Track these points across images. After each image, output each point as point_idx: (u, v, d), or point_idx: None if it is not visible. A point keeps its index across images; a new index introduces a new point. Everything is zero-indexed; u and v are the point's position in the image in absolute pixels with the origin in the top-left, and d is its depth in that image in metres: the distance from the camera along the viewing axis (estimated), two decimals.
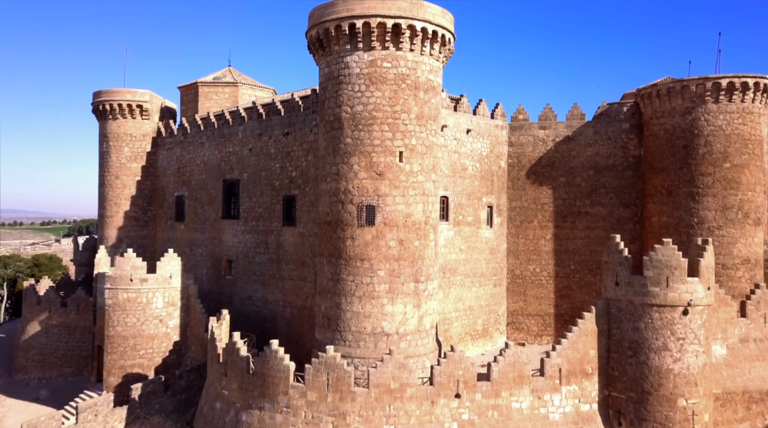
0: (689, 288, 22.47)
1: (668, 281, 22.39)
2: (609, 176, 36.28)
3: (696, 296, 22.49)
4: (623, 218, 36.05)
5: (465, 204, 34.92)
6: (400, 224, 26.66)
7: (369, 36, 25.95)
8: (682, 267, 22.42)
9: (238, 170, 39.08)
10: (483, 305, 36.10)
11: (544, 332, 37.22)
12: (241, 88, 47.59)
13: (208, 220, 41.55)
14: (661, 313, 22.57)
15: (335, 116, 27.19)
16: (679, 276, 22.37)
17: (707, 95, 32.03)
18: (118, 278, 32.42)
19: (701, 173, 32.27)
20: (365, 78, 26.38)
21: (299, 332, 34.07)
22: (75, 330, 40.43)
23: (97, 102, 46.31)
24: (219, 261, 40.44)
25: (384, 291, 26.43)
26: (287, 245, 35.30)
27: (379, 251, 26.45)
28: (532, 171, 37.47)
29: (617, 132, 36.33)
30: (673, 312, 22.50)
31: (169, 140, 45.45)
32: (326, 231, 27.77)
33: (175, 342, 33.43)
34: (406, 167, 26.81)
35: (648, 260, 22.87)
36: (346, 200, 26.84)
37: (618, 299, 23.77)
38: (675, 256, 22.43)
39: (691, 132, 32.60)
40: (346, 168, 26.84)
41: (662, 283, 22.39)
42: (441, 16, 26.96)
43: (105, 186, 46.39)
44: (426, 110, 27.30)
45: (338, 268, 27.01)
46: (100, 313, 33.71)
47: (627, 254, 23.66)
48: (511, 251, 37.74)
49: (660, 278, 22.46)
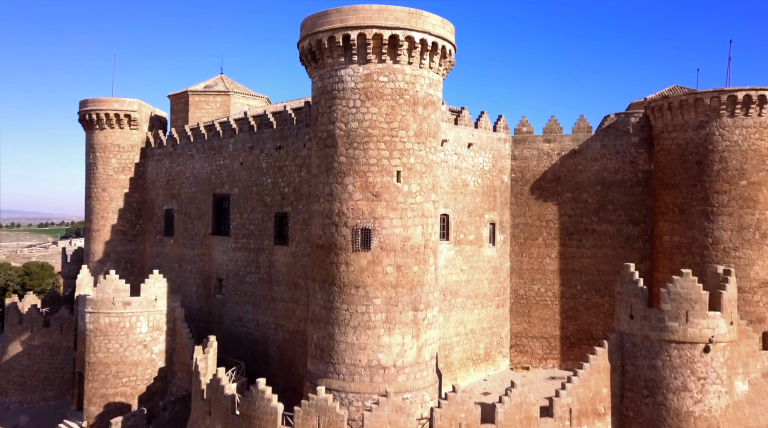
0: (711, 324, 20.76)
1: (688, 316, 20.67)
2: (617, 191, 34.55)
3: (718, 332, 20.78)
4: (632, 236, 34.33)
5: (466, 222, 33.19)
6: (397, 248, 24.93)
7: (364, 48, 24.22)
8: (702, 301, 20.70)
9: (228, 185, 37.34)
10: (485, 327, 34.36)
11: (549, 355, 35.47)
12: (233, 97, 45.87)
13: (197, 235, 39.80)
14: (680, 350, 20.85)
15: (328, 133, 25.46)
16: (699, 311, 20.65)
17: (722, 109, 30.32)
18: (99, 302, 30.65)
19: (716, 191, 30.54)
20: (360, 93, 24.66)
21: (291, 357, 32.31)
22: (58, 350, 38.66)
23: (83, 111, 44.59)
24: (209, 279, 38.67)
25: (380, 321, 24.69)
26: (279, 265, 33.55)
27: (376, 277, 24.71)
28: (536, 186, 35.74)
29: (626, 146, 34.60)
30: (693, 350, 20.79)
31: (158, 151, 43.71)
32: (319, 255, 26.03)
33: (160, 368, 31.66)
34: (404, 187, 25.09)
35: (666, 292, 21.15)
36: (340, 223, 25.11)
37: (633, 333, 22.05)
38: (695, 288, 20.71)
39: (705, 147, 30.88)
40: (340, 188, 25.12)
41: (681, 318, 20.67)
42: (441, 26, 25.24)
43: (91, 199, 44.64)
44: (425, 126, 25.58)
45: (331, 295, 25.27)
46: (81, 338, 31.94)
47: (642, 285, 21.93)
48: (515, 270, 35.99)
49: (679, 312, 20.74)
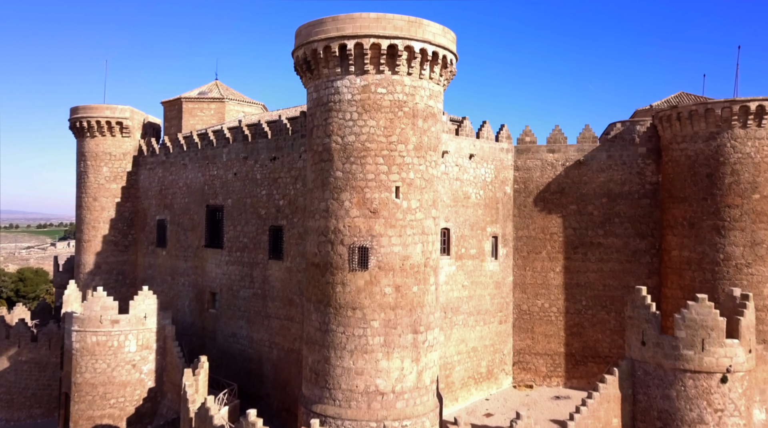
0: (728, 352, 19.63)
1: (704, 344, 19.53)
2: (624, 204, 33.41)
3: (736, 361, 19.64)
4: (639, 250, 33.18)
5: (468, 236, 32.04)
6: (396, 267, 23.75)
7: (362, 58, 23.06)
8: (720, 328, 19.56)
9: (222, 196, 36.15)
10: (487, 344, 33.18)
11: (553, 373, 34.30)
12: (228, 104, 44.69)
13: (190, 247, 38.60)
14: (695, 380, 19.72)
15: (324, 147, 24.30)
16: (716, 338, 19.51)
17: (734, 119, 29.18)
18: (86, 320, 29.47)
19: (727, 205, 29.40)
20: (358, 105, 23.49)
21: (287, 376, 31.11)
22: (46, 366, 37.40)
23: (74, 119, 43.39)
24: (202, 293, 37.47)
25: (378, 345, 23.51)
26: (273, 281, 32.36)
27: (373, 298, 23.53)
28: (540, 198, 34.58)
29: (633, 156, 33.47)
30: (709, 380, 19.66)
31: (151, 160, 42.52)
32: (314, 274, 24.85)
33: (149, 388, 30.46)
34: (404, 203, 23.92)
35: (680, 318, 19.99)
36: (336, 241, 23.94)
37: (645, 360, 20.90)
38: (712, 315, 19.57)
39: (715, 159, 29.75)
40: (336, 205, 23.95)
41: (697, 346, 19.54)
42: (442, 35, 24.08)
43: (82, 208, 43.42)
44: (425, 139, 24.42)
45: (327, 317, 24.09)
46: (67, 357, 30.74)
47: (655, 310, 20.78)
48: (518, 285, 34.82)
49: (694, 340, 19.61)
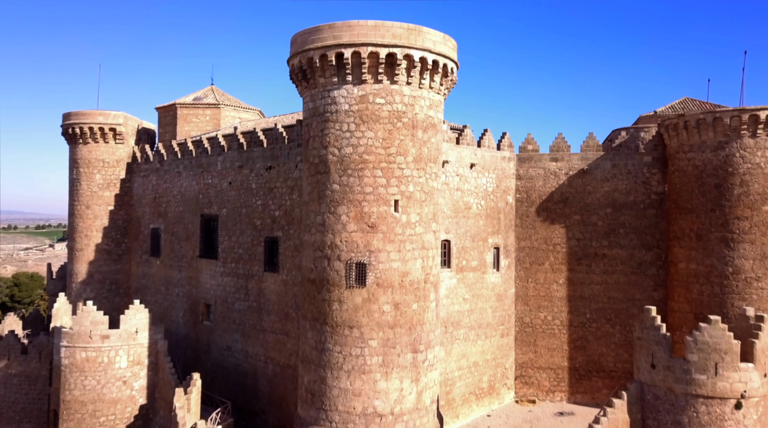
0: (743, 377, 18.77)
1: (717, 368, 18.67)
2: (629, 214, 32.55)
3: (751, 386, 18.78)
4: (645, 262, 32.32)
5: (469, 247, 31.17)
6: (395, 284, 22.87)
7: (359, 67, 22.19)
8: (734, 352, 18.69)
9: (216, 205, 35.27)
10: (489, 359, 32.30)
11: (556, 387, 33.41)
12: (224, 109, 43.80)
13: (185, 257, 37.71)
14: (708, 406, 18.85)
15: (321, 159, 23.42)
16: (730, 362, 18.65)
17: (743, 129, 28.33)
18: (75, 335, 28.58)
19: (736, 217, 28.54)
20: (355, 116, 22.62)
21: (282, 392, 30.22)
22: (36, 380, 36.32)
23: (66, 125, 42.49)
24: (196, 304, 36.57)
25: (377, 365, 22.62)
26: (269, 294, 31.48)
27: (371, 316, 22.65)
28: (542, 207, 33.71)
29: (638, 166, 32.61)
30: (723, 406, 18.79)
31: (145, 167, 41.64)
32: (310, 291, 23.96)
33: (141, 405, 29.55)
34: (403, 217, 23.04)
35: (692, 341, 19.12)
36: (332, 256, 23.05)
37: (655, 384, 20.03)
38: (725, 338, 18.70)
39: (724, 170, 28.89)
40: (333, 219, 23.07)
41: (710, 370, 18.68)
42: (442, 43, 23.21)
43: (74, 216, 42.52)
44: (425, 151, 23.55)
45: (323, 336, 23.20)
46: (56, 373, 29.84)
47: (665, 332, 19.91)
48: (520, 297, 33.94)
49: (707, 364, 18.75)
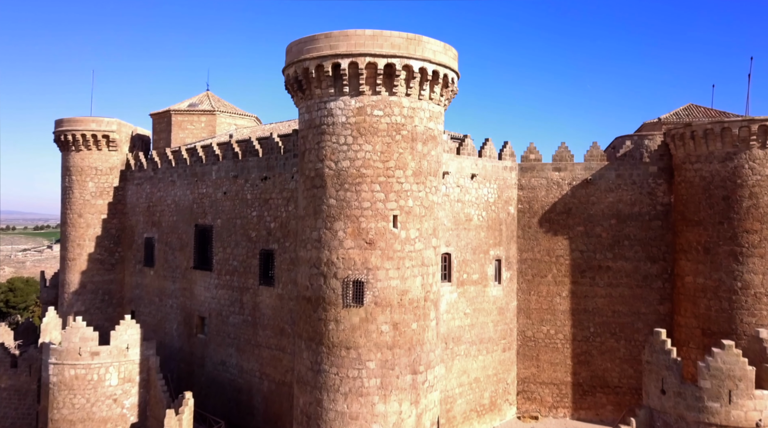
0: (758, 405, 17.97)
1: (731, 396, 17.87)
2: (634, 226, 31.73)
3: (767, 414, 17.97)
4: (650, 275, 31.50)
5: (470, 260, 30.34)
6: (394, 303, 22.02)
7: (357, 78, 21.35)
8: (748, 379, 17.90)
9: (211, 215, 34.42)
10: (490, 374, 31.47)
11: (560, 403, 32.58)
12: (220, 116, 42.94)
13: (179, 268, 36.85)
14: None
15: (317, 172, 22.57)
16: (744, 390, 17.85)
17: (752, 139, 27.52)
18: (64, 352, 27.72)
19: (745, 230, 27.73)
20: (352, 128, 21.77)
21: (278, 410, 29.37)
22: (26, 394, 35.42)
23: (58, 132, 41.64)
24: (190, 317, 35.71)
25: (375, 387, 21.76)
26: (264, 308, 30.63)
27: (369, 337, 21.80)
28: (545, 218, 32.89)
29: (643, 176, 31.80)
30: None
31: (139, 175, 40.77)
32: (305, 309, 23.11)
33: (132, 424, 28.69)
34: (402, 233, 22.20)
35: (705, 367, 18.31)
36: (329, 274, 22.20)
37: (665, 411, 19.21)
38: (740, 364, 17.91)
39: (732, 181, 28.08)
40: (330, 235, 22.21)
41: (723, 398, 17.88)
42: (443, 52, 22.38)
43: (67, 225, 41.68)
44: (425, 164, 22.72)
45: (319, 356, 22.34)
46: (44, 391, 28.97)
47: (676, 356, 19.09)
48: (522, 310, 33.11)
49: (720, 391, 17.95)
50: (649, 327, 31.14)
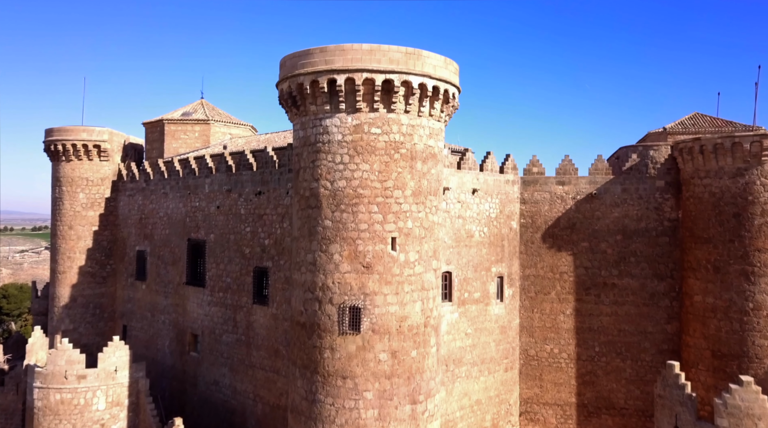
0: None
1: None
2: (640, 242, 30.69)
3: None
4: (658, 293, 30.46)
5: (471, 278, 29.32)
6: (392, 330, 21.00)
7: (353, 95, 20.34)
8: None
9: (204, 230, 33.37)
10: (492, 396, 30.44)
11: (563, 425, 31.54)
12: (214, 125, 41.88)
13: (171, 283, 35.80)
14: None
15: (312, 192, 21.55)
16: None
17: (764, 155, 26.51)
18: (49, 376, 26.67)
19: (757, 249, 26.71)
20: (349, 147, 20.76)
21: None
22: (13, 414, 34.46)
23: (48, 141, 40.60)
24: (183, 333, 34.65)
25: (372, 418, 20.74)
26: (258, 327, 29.59)
27: (366, 366, 20.78)
28: (548, 234, 31.86)
29: (650, 190, 30.78)
30: None
31: (131, 186, 39.72)
32: (299, 336, 22.07)
33: None
34: (401, 256, 21.19)
35: (721, 404, 17.30)
36: (324, 299, 21.18)
37: None
38: (759, 402, 16.90)
39: (744, 198, 27.06)
40: (325, 258, 21.19)
41: None
42: (443, 67, 21.38)
43: (57, 237, 40.62)
44: (425, 183, 21.70)
45: (314, 386, 21.31)
46: (29, 415, 27.89)
47: (690, 391, 18.07)
48: (525, 328, 32.07)
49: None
50: (656, 347, 30.23)
